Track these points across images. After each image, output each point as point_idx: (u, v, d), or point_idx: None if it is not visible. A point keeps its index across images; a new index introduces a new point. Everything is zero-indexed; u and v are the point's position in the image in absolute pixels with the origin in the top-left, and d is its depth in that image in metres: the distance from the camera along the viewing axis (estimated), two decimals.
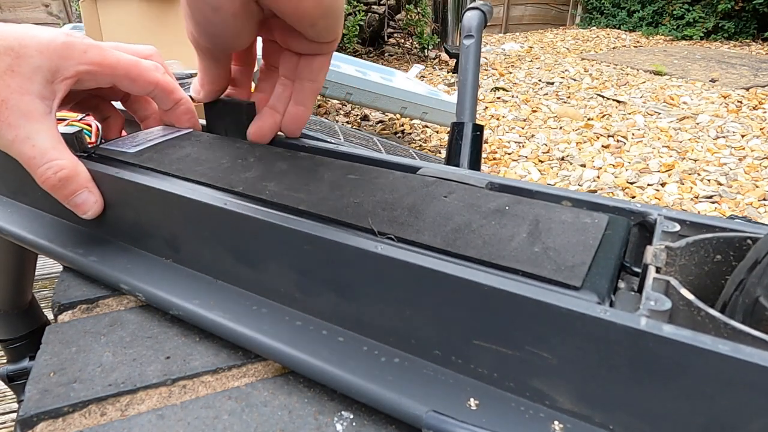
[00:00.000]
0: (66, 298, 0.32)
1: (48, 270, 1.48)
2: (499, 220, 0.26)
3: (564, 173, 2.25)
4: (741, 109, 2.85)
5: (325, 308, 0.27)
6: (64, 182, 0.30)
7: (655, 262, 0.22)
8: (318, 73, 0.34)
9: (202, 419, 0.24)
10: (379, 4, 3.77)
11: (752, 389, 0.17)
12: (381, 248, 0.23)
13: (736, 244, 0.23)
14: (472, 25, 0.57)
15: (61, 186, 0.30)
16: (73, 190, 0.31)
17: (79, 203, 0.31)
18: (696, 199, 2.00)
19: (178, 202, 0.29)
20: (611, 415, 0.20)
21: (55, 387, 0.26)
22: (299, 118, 0.36)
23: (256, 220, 0.27)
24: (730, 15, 4.90)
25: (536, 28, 6.16)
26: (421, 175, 0.32)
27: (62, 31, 0.31)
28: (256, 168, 0.33)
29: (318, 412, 0.24)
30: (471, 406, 0.22)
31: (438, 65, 4.08)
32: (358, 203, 0.28)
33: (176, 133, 0.39)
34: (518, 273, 0.22)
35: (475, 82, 0.56)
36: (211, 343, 0.28)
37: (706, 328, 0.19)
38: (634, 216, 0.27)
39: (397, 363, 0.24)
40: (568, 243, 0.24)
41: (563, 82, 3.53)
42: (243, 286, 0.30)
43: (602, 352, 0.19)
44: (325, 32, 0.31)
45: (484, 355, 0.22)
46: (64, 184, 0.30)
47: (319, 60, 0.34)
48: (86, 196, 0.31)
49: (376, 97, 2.24)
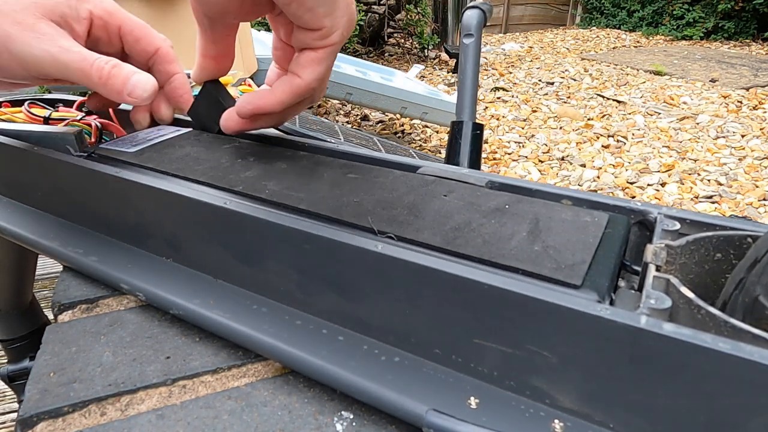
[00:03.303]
0: (66, 298, 0.32)
1: (48, 270, 1.48)
2: (499, 219, 0.26)
3: (564, 173, 2.25)
4: (741, 109, 2.85)
5: (325, 307, 0.27)
6: (118, 69, 0.32)
7: (656, 260, 0.22)
8: (303, 69, 0.32)
9: (202, 419, 0.24)
10: (379, 4, 3.77)
11: (752, 387, 0.17)
12: (381, 247, 0.23)
13: (736, 242, 0.23)
14: (472, 24, 0.57)
15: (116, 73, 0.32)
16: (127, 75, 0.32)
17: (136, 84, 0.32)
18: (696, 199, 2.00)
19: (178, 202, 0.29)
20: (611, 414, 0.20)
21: (55, 387, 0.26)
22: (257, 96, 0.33)
23: (256, 219, 0.27)
24: (730, 15, 4.90)
25: (536, 28, 6.16)
26: (421, 174, 0.32)
27: None
28: (255, 167, 0.33)
29: (318, 412, 0.24)
30: (471, 404, 0.22)
31: (438, 65, 4.09)
32: (358, 202, 0.28)
33: (176, 132, 0.39)
34: (518, 271, 0.22)
35: (475, 81, 0.56)
36: (211, 343, 0.28)
37: (706, 327, 0.19)
38: (634, 214, 0.27)
39: (398, 362, 0.24)
40: (568, 241, 0.24)
41: (563, 82, 3.53)
42: (243, 286, 0.30)
43: (602, 351, 0.19)
44: (303, 13, 0.29)
45: (484, 353, 0.22)
46: (118, 71, 0.32)
47: (306, 55, 0.32)
48: (139, 76, 0.32)
49: (376, 97, 2.24)
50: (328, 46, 0.31)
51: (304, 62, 0.32)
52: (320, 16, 0.30)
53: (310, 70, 0.32)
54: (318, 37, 0.31)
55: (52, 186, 0.36)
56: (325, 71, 0.33)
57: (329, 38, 0.31)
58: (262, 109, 0.33)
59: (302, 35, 0.31)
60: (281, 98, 0.33)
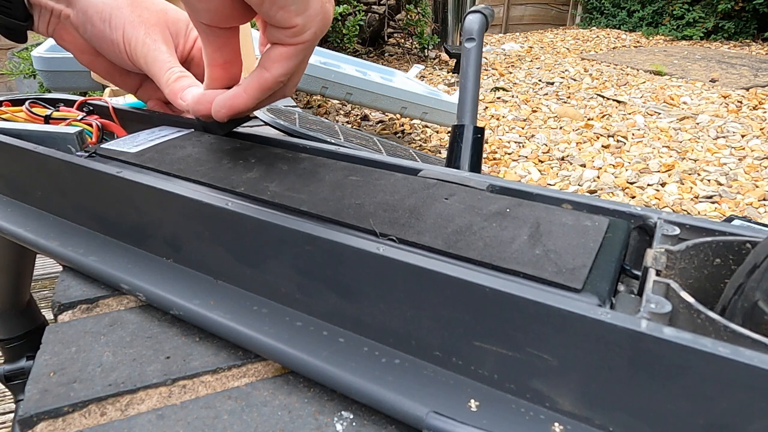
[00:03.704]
0: (66, 298, 0.32)
1: (48, 270, 1.48)
2: (500, 223, 0.26)
3: (564, 173, 2.25)
4: (741, 109, 2.85)
5: (325, 309, 0.27)
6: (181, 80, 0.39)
7: (656, 265, 0.22)
8: (272, 63, 0.32)
9: (202, 419, 0.24)
10: (379, 4, 3.76)
11: (752, 391, 0.17)
12: (382, 249, 0.23)
13: (735, 247, 0.23)
14: (474, 28, 0.57)
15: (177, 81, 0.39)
16: (183, 86, 0.39)
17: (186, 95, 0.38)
18: (696, 199, 2.00)
19: (179, 202, 0.29)
20: (611, 417, 0.20)
21: (55, 387, 0.26)
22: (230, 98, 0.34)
23: (258, 221, 0.27)
24: (730, 15, 4.90)
25: (536, 28, 6.16)
26: (422, 177, 0.32)
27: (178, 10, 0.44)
28: (257, 169, 0.33)
29: (318, 412, 0.24)
30: (471, 407, 0.22)
31: (438, 65, 4.08)
32: (360, 204, 0.28)
33: (177, 133, 0.39)
34: (519, 275, 0.22)
35: (476, 85, 0.56)
36: (211, 343, 0.28)
37: (706, 331, 0.19)
38: (635, 219, 0.27)
39: (398, 364, 0.24)
40: (568, 245, 0.24)
41: (563, 82, 3.53)
42: (243, 287, 0.30)
43: (603, 354, 0.19)
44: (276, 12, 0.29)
45: (484, 356, 0.22)
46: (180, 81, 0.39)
47: (277, 50, 0.32)
48: (192, 89, 0.38)
49: (376, 97, 2.24)
50: (300, 43, 0.31)
51: (274, 56, 0.32)
52: (292, 15, 0.30)
53: (279, 65, 0.32)
54: (290, 35, 0.31)
55: (52, 186, 0.36)
56: (294, 66, 0.33)
57: (301, 36, 0.31)
58: (236, 110, 0.34)
59: (275, 30, 0.31)
60: (252, 95, 0.34)
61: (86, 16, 0.41)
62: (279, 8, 0.29)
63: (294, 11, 0.30)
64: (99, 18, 0.41)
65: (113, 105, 0.45)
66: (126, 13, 0.40)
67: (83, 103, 0.46)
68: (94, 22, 0.41)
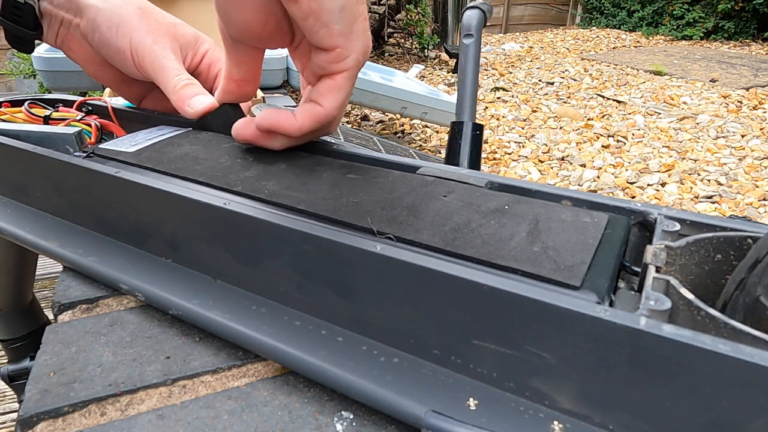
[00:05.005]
0: (66, 298, 0.32)
1: (48, 270, 1.48)
2: (499, 220, 0.26)
3: (564, 173, 2.24)
4: (741, 109, 2.85)
5: (324, 308, 0.27)
6: (188, 87, 0.40)
7: (655, 261, 0.22)
8: (323, 97, 0.32)
9: (202, 419, 0.24)
10: (379, 4, 3.76)
11: (752, 389, 0.17)
12: (380, 248, 0.23)
13: (736, 243, 0.23)
14: (472, 24, 0.57)
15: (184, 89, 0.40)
16: (190, 94, 0.39)
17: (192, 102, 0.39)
18: (696, 199, 2.00)
19: (178, 202, 0.29)
20: (611, 415, 0.20)
21: (55, 387, 0.26)
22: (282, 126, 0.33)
23: (256, 220, 0.27)
24: (730, 15, 4.90)
25: (536, 28, 6.16)
26: (421, 175, 0.32)
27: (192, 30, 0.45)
28: (255, 167, 0.33)
29: (318, 412, 0.24)
30: (470, 406, 0.22)
31: (438, 65, 4.08)
32: (358, 203, 0.28)
33: (175, 132, 0.39)
34: (517, 272, 0.22)
35: (475, 81, 0.56)
36: (211, 343, 0.28)
37: (706, 328, 0.19)
38: (635, 215, 0.27)
39: (397, 363, 0.24)
40: (567, 242, 0.24)
41: (563, 82, 3.53)
42: (242, 286, 0.30)
43: (602, 352, 0.19)
44: (319, 28, 0.29)
45: (483, 354, 0.22)
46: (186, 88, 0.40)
47: (324, 83, 0.32)
48: (199, 97, 0.39)
49: (376, 97, 2.24)
50: (345, 70, 0.31)
51: (323, 90, 0.32)
52: (335, 35, 0.29)
53: (330, 98, 0.32)
54: (332, 60, 0.30)
55: (51, 186, 0.36)
56: (344, 99, 0.32)
57: (344, 62, 0.31)
58: (282, 128, 0.33)
59: (317, 58, 0.31)
60: (302, 124, 0.33)
61: (95, 24, 0.41)
62: (323, 25, 0.29)
63: (337, 31, 0.29)
64: (107, 26, 0.41)
65: (112, 105, 0.45)
66: (134, 22, 0.41)
67: (82, 104, 0.46)
68: (101, 30, 0.41)
